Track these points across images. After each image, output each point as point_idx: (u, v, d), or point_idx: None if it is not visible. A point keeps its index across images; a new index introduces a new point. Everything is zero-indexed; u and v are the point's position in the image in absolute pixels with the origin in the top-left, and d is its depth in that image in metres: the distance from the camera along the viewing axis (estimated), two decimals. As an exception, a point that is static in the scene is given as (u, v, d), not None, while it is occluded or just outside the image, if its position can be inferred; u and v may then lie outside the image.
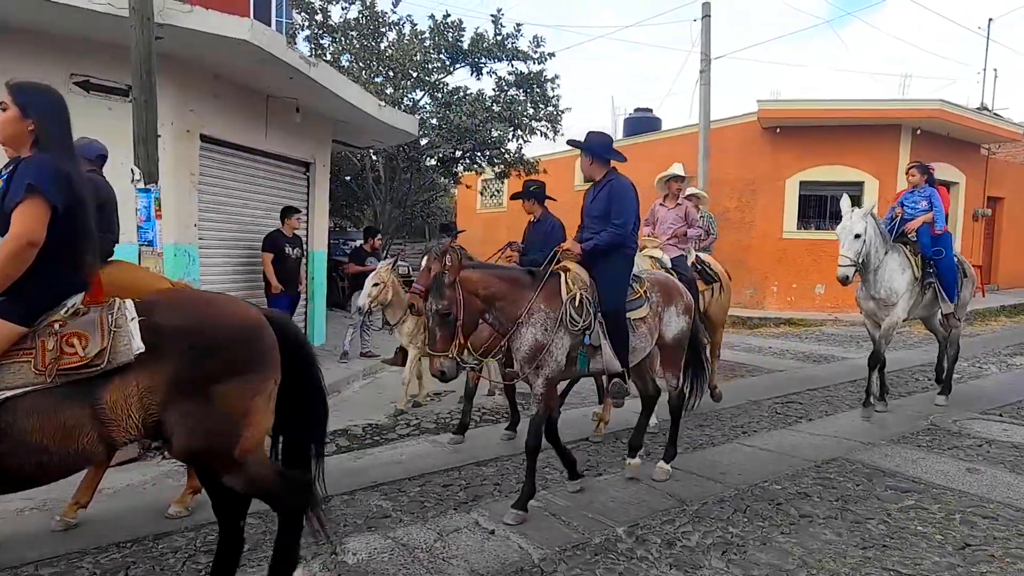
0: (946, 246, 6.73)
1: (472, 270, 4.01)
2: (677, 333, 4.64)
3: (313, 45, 14.29)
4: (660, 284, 4.66)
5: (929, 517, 4.07)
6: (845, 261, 6.17)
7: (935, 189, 6.85)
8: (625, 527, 3.92)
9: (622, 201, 4.34)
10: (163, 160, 5.94)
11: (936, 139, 15.55)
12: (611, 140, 4.64)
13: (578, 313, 4.07)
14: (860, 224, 6.18)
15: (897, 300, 6.42)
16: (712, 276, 6.66)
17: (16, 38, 6.12)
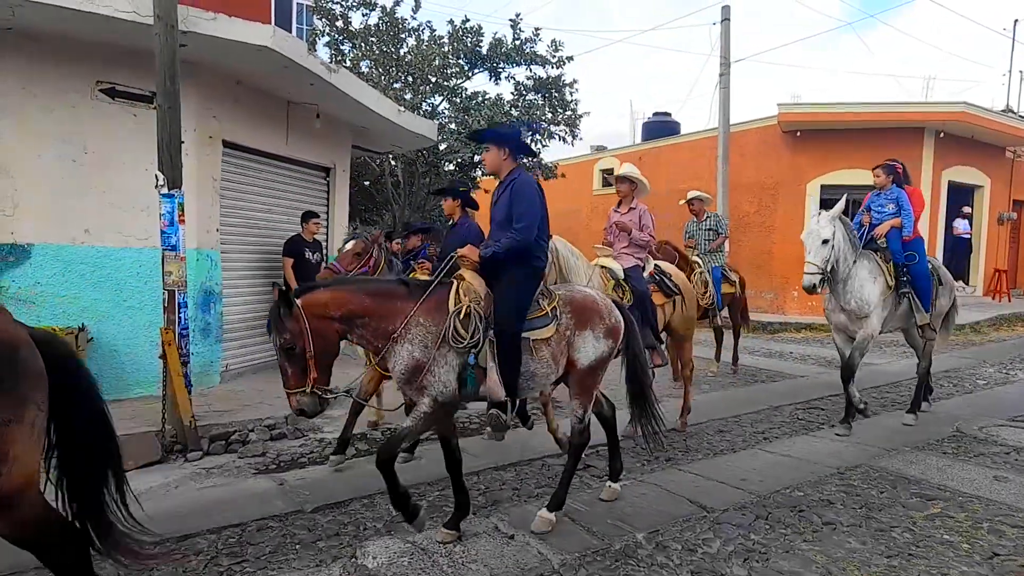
0: (918, 251, 6.31)
1: (321, 291, 3.60)
2: (593, 360, 4.00)
3: (333, 51, 14.39)
4: (575, 303, 4.05)
5: (956, 526, 4.01)
6: (812, 269, 5.74)
7: (903, 190, 6.41)
8: (645, 533, 3.89)
9: (523, 202, 3.88)
10: (186, 166, 6.02)
11: (960, 142, 15.35)
12: (520, 133, 4.34)
13: (465, 328, 3.63)
14: (828, 228, 5.76)
15: (869, 312, 6.00)
16: (672, 289, 6.00)
17: (44, 46, 6.24)
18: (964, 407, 7.06)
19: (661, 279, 5.93)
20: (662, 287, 5.89)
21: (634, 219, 5.88)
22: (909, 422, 6.33)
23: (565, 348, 3.95)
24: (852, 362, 6.08)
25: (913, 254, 6.25)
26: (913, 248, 6.28)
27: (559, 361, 3.94)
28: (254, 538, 3.82)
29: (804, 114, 15.13)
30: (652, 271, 5.94)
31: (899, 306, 6.23)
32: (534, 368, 3.84)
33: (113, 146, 6.61)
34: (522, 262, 3.88)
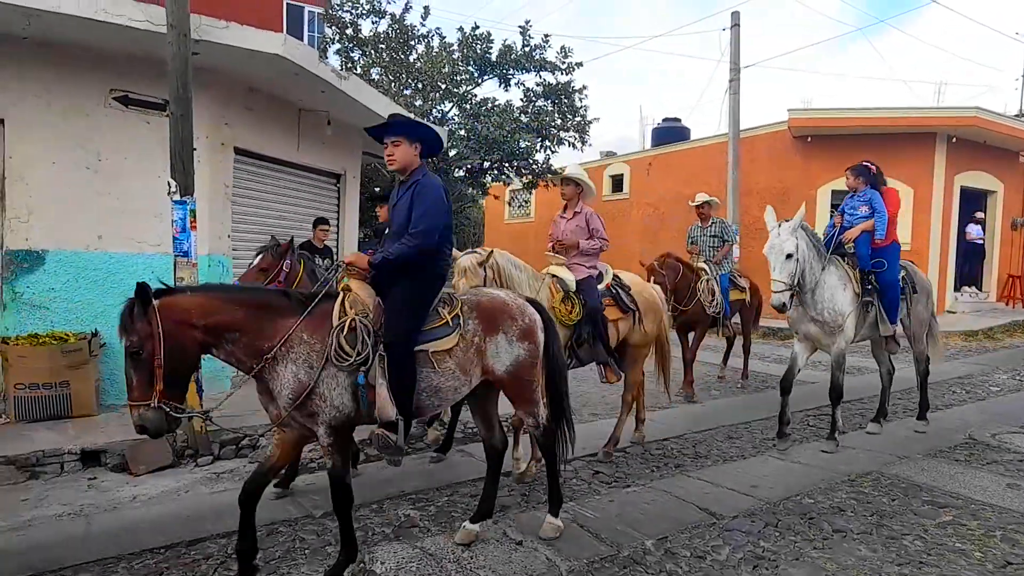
0: (890, 258, 5.94)
1: (188, 295, 3.23)
2: (512, 364, 3.72)
3: (344, 59, 14.50)
4: (481, 307, 3.75)
5: (968, 534, 3.97)
6: (779, 286, 5.35)
7: (878, 192, 6.07)
8: (654, 540, 3.88)
9: (424, 205, 3.59)
10: (198, 172, 6.07)
11: (973, 147, 15.26)
12: (434, 130, 4.00)
13: (350, 344, 3.32)
14: (791, 242, 5.36)
15: (844, 321, 5.67)
16: (628, 304, 5.40)
17: (58, 55, 6.32)
18: (977, 414, 7.01)
19: (617, 293, 5.39)
20: (618, 301, 5.36)
21: (581, 224, 5.35)
22: (873, 430, 6.24)
23: (475, 357, 3.66)
24: (836, 382, 5.79)
25: (882, 261, 5.89)
26: (884, 255, 5.93)
27: (470, 372, 3.66)
28: (264, 542, 3.83)
29: (815, 119, 15.10)
30: (609, 283, 5.41)
31: (867, 314, 5.93)
32: (438, 382, 3.57)
33: (126, 153, 6.68)
34: (417, 270, 3.60)
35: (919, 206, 14.90)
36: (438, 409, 3.93)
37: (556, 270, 5.18)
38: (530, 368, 3.83)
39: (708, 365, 9.56)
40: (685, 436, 6.22)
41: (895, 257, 6.01)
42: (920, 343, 6.52)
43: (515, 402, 3.89)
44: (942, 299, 15.46)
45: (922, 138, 14.69)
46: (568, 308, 4.95)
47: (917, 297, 6.34)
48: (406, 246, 3.54)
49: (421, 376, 3.53)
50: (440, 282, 3.78)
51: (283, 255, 5.29)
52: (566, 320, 4.88)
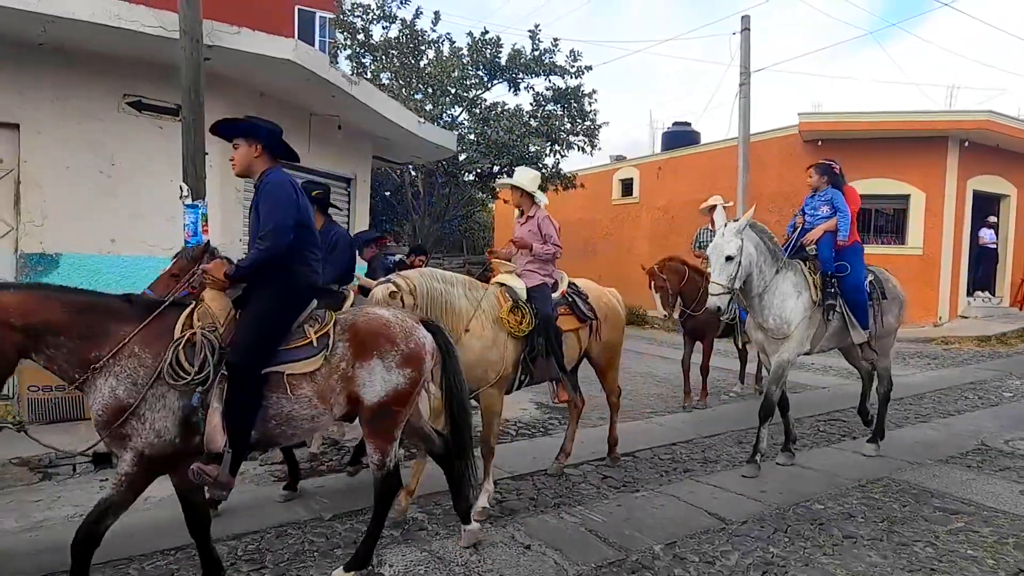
0: (853, 260, 5.58)
1: (7, 292, 2.93)
2: (385, 394, 3.31)
3: (354, 64, 14.58)
4: (356, 328, 3.38)
5: (980, 540, 3.94)
6: (716, 288, 5.01)
7: (839, 191, 5.74)
8: (663, 544, 3.87)
9: (267, 204, 3.30)
10: (210, 177, 6.13)
11: (985, 150, 15.14)
12: (281, 131, 3.62)
13: (189, 360, 2.99)
14: (732, 243, 5.02)
15: (790, 331, 5.27)
16: (586, 313, 5.02)
17: (73, 60, 6.39)
18: (989, 419, 6.95)
19: (574, 301, 5.00)
20: (575, 310, 4.97)
21: (533, 229, 4.95)
22: (870, 452, 5.70)
23: (341, 383, 3.28)
24: (770, 398, 5.38)
25: (845, 264, 5.53)
26: (847, 257, 5.57)
27: (331, 400, 3.28)
28: (273, 545, 3.86)
29: (825, 123, 15.04)
30: (564, 291, 5.03)
31: (830, 323, 5.49)
32: (290, 410, 3.20)
33: (139, 158, 6.74)
34: (275, 280, 3.29)
35: (931, 210, 14.80)
36: (292, 440, 3.52)
37: (505, 278, 4.76)
38: (406, 399, 3.40)
39: (721, 371, 9.52)
40: (694, 441, 6.21)
41: (859, 257, 5.67)
42: (887, 358, 6.07)
43: (370, 434, 3.44)
44: (955, 304, 15.35)
45: (934, 142, 14.60)
46: (518, 318, 4.49)
47: (887, 304, 5.86)
48: (257, 251, 3.24)
49: (270, 402, 3.16)
50: (305, 294, 3.42)
51: (198, 259, 4.86)
52: (516, 331, 4.45)
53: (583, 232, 21.36)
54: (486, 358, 4.31)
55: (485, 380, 4.33)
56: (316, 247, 3.55)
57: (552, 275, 4.97)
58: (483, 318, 4.37)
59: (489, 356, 4.33)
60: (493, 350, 4.35)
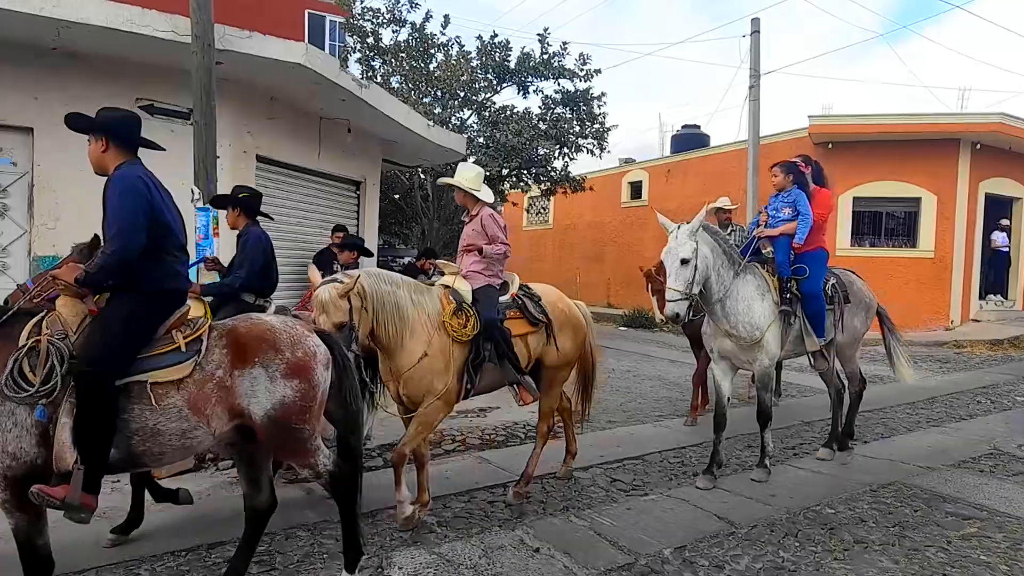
0: (813, 264, 5.32)
1: None
2: (272, 407, 3.03)
3: (364, 67, 14.64)
4: (236, 333, 3.12)
5: (993, 546, 3.91)
6: (673, 295, 4.69)
7: (803, 191, 5.42)
8: (672, 549, 3.86)
9: (109, 204, 3.05)
10: (221, 180, 6.17)
11: (997, 153, 15.06)
12: (133, 121, 3.35)
13: (33, 371, 2.74)
14: (687, 246, 4.72)
15: (762, 335, 5.01)
16: (536, 316, 4.63)
17: (86, 65, 6.45)
18: (1002, 424, 6.89)
19: (524, 303, 4.64)
20: (525, 312, 4.60)
21: (477, 228, 4.69)
22: (824, 456, 5.62)
23: (218, 394, 2.99)
24: (764, 403, 5.21)
25: (803, 267, 5.29)
26: (806, 260, 5.33)
27: (208, 412, 2.97)
28: (283, 547, 3.87)
29: (836, 126, 14.99)
30: (515, 293, 4.68)
31: (791, 327, 5.27)
32: (156, 423, 2.90)
33: (151, 161, 6.72)
34: (129, 284, 3.03)
35: (942, 213, 14.72)
36: (161, 460, 3.13)
37: (449, 280, 4.51)
38: (300, 413, 3.11)
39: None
40: (704, 444, 6.18)
41: (820, 264, 5.42)
42: (852, 363, 5.90)
43: (280, 454, 3.27)
44: (967, 307, 15.24)
45: (945, 144, 14.52)
46: (461, 322, 4.21)
47: (851, 309, 5.65)
48: (104, 255, 2.97)
49: (132, 415, 2.88)
50: (167, 298, 3.13)
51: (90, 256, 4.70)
52: (460, 336, 4.17)
53: (592, 235, 21.36)
54: (433, 367, 4.06)
55: (433, 391, 4.08)
56: (179, 248, 3.27)
57: (499, 276, 4.68)
58: (428, 324, 4.12)
59: (436, 364, 4.07)
60: (440, 358, 4.09)
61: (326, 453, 3.31)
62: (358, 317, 3.85)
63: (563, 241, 22.34)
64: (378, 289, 3.96)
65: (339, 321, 3.75)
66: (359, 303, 3.86)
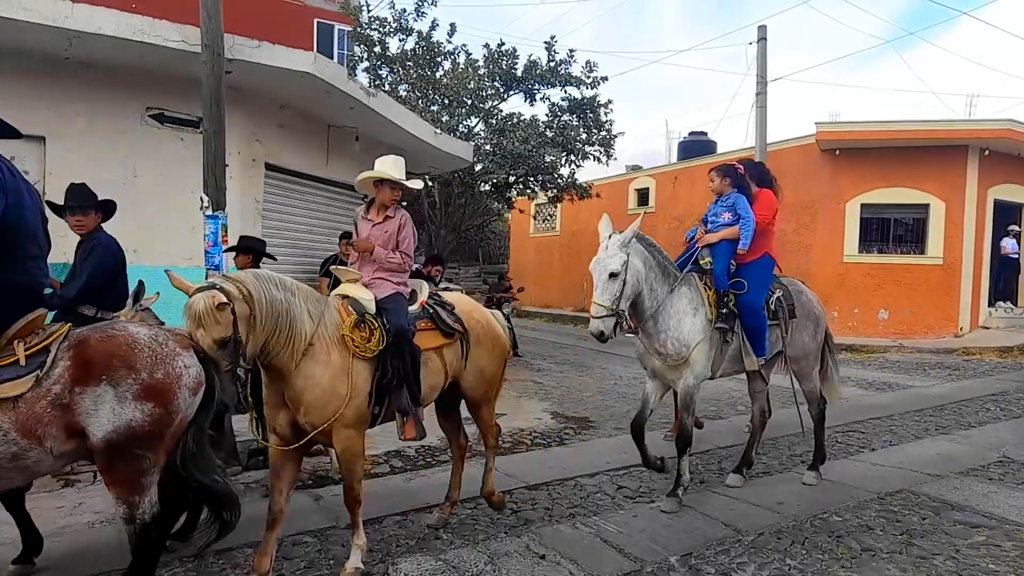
0: (756, 276, 4.89)
1: None
2: (115, 431, 2.74)
3: (372, 76, 14.73)
4: (86, 346, 2.82)
5: (1002, 555, 3.89)
6: (599, 310, 4.27)
7: (743, 195, 5.00)
8: (678, 556, 3.86)
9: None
10: (230, 188, 6.21)
11: (1006, 159, 15.01)
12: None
13: None
14: (617, 258, 4.33)
15: (689, 353, 4.57)
16: (452, 326, 4.12)
17: (97, 74, 6.53)
18: (1012, 432, 6.85)
19: (436, 312, 4.12)
20: (437, 323, 4.08)
21: (391, 231, 4.14)
22: (809, 481, 5.18)
23: (53, 411, 2.69)
24: (685, 427, 4.74)
25: (741, 282, 4.85)
26: (750, 270, 4.91)
27: (42, 434, 2.69)
28: (290, 553, 3.89)
29: (843, 132, 14.98)
30: (424, 301, 4.18)
31: (728, 345, 4.83)
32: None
33: (161, 169, 6.87)
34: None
35: (951, 220, 14.67)
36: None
37: (348, 288, 3.93)
38: (147, 441, 2.82)
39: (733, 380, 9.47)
40: (710, 452, 6.18)
41: (764, 274, 5.00)
42: (809, 380, 5.41)
43: (109, 481, 2.87)
44: (976, 314, 15.17)
45: (953, 151, 14.49)
46: (364, 335, 3.65)
47: (798, 323, 5.23)
48: None
49: None
50: (13, 302, 2.84)
51: None
52: (364, 351, 3.61)
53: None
54: (333, 389, 3.46)
55: (343, 419, 3.49)
56: (38, 246, 3.00)
57: (406, 284, 4.19)
58: (327, 338, 3.51)
59: (337, 387, 3.48)
60: (341, 378, 3.50)
61: (153, 500, 2.94)
62: (245, 328, 3.17)
63: (570, 248, 22.35)
64: (268, 295, 3.30)
65: (220, 337, 3.08)
66: (246, 311, 3.19)
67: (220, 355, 3.08)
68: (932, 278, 14.80)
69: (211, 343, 3.06)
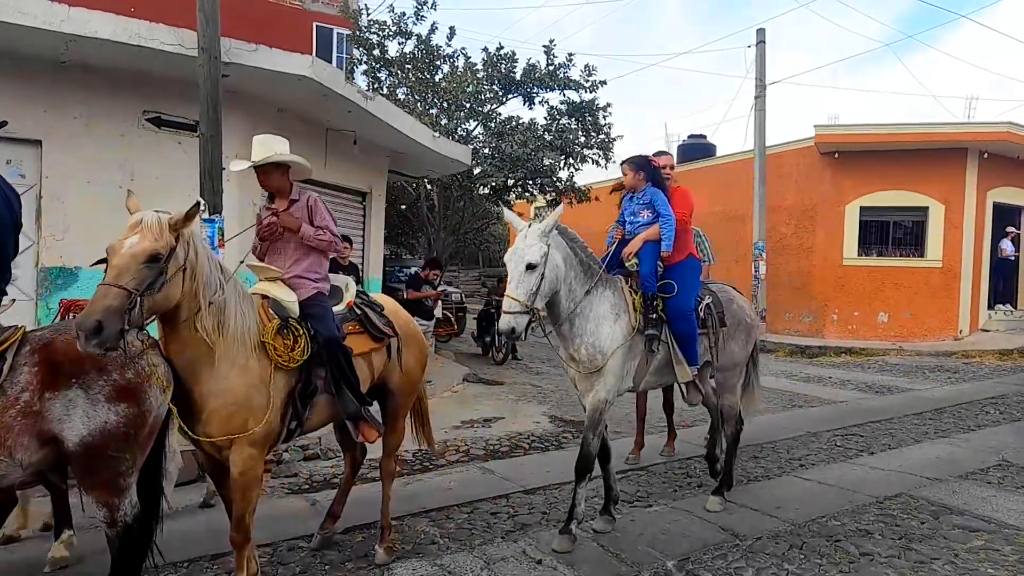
0: (683, 278, 4.51)
1: None
2: (91, 433, 2.68)
3: (370, 79, 14.73)
4: (51, 349, 2.74)
5: (1001, 559, 3.87)
6: (512, 305, 3.78)
7: (661, 191, 4.59)
8: (675, 560, 3.84)
9: None
10: (227, 192, 6.21)
11: (1005, 162, 15.01)
12: None
13: None
14: (536, 249, 3.86)
15: (604, 364, 4.14)
16: (383, 330, 3.86)
17: (95, 78, 6.53)
18: (1011, 435, 6.83)
19: (365, 314, 3.85)
20: (367, 326, 3.80)
21: (301, 216, 3.74)
22: (714, 508, 4.66)
23: (24, 421, 2.61)
24: (586, 449, 4.17)
25: (671, 283, 4.47)
26: (675, 274, 4.53)
27: (10, 443, 2.60)
28: (285, 558, 3.87)
29: (841, 135, 14.99)
30: (352, 302, 3.90)
31: (654, 354, 4.40)
32: None
33: (158, 172, 6.85)
34: None
35: (950, 222, 14.67)
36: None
37: (268, 287, 3.55)
38: (122, 441, 2.77)
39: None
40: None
41: (691, 276, 4.66)
42: (732, 394, 4.98)
43: (85, 485, 2.79)
44: (976, 317, 15.15)
45: (953, 154, 14.50)
46: (288, 343, 3.29)
47: (728, 332, 4.84)
48: None
49: None
50: None
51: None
52: (287, 361, 3.24)
53: (598, 245, 21.17)
54: (249, 401, 3.09)
55: (243, 432, 3.07)
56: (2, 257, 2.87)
57: (327, 280, 3.83)
58: (247, 342, 3.14)
59: (253, 398, 3.11)
60: (259, 389, 3.13)
61: (134, 501, 2.88)
62: (173, 269, 2.77)
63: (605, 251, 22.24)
64: (211, 264, 3.04)
65: (152, 249, 2.69)
66: (181, 254, 2.83)
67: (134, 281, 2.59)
68: (932, 281, 14.79)
69: (142, 250, 2.66)
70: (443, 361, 11.45)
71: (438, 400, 8.69)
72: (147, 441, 2.92)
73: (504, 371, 11.29)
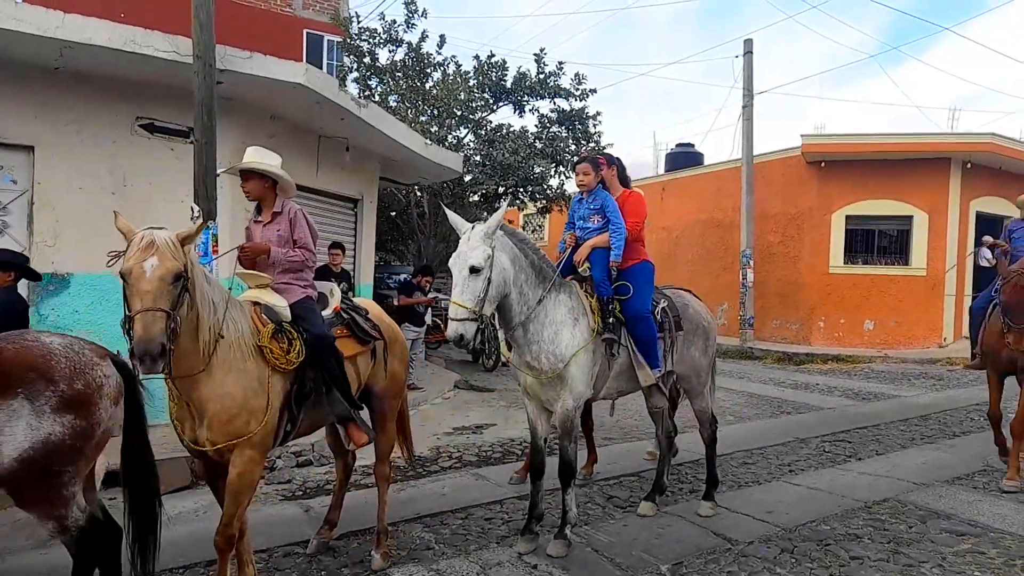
0: (638, 281, 4.46)
1: None
2: (30, 447, 2.60)
3: (362, 86, 14.75)
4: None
5: (987, 562, 3.94)
6: (458, 311, 3.63)
7: (609, 195, 4.52)
8: (669, 565, 3.88)
9: None
10: (220, 198, 6.21)
11: (988, 172, 15.25)
12: None
13: None
14: (480, 251, 3.70)
15: (566, 370, 4.01)
16: (369, 332, 3.95)
17: (88, 84, 6.51)
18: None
19: (352, 318, 3.92)
20: (354, 330, 3.87)
21: (283, 230, 3.84)
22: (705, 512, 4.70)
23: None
24: (567, 456, 4.19)
25: (626, 285, 4.39)
26: (628, 277, 4.45)
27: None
28: (280, 564, 3.88)
29: (828, 145, 15.18)
30: (339, 307, 3.97)
31: (615, 359, 4.31)
32: None
33: (151, 179, 6.84)
34: None
35: (934, 231, 14.88)
36: None
37: (258, 294, 3.62)
38: (67, 454, 2.68)
39: (720, 390, 9.53)
40: (700, 461, 6.18)
41: (646, 279, 4.57)
42: (702, 399, 4.97)
43: (24, 503, 2.72)
44: (960, 325, 15.35)
45: (937, 163, 14.71)
46: (284, 347, 3.36)
47: (685, 337, 4.76)
48: None
49: None
50: None
51: None
52: (283, 364, 3.33)
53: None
54: (248, 404, 3.15)
55: (245, 435, 3.14)
56: None
57: (312, 285, 3.89)
58: (244, 347, 3.21)
59: (252, 401, 3.17)
60: (258, 392, 3.20)
61: (82, 505, 2.82)
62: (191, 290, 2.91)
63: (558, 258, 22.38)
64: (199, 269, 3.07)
65: (175, 269, 2.77)
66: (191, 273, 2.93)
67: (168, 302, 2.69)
68: (916, 289, 14.98)
69: (167, 271, 2.72)
70: (434, 368, 11.47)
71: (430, 407, 8.71)
72: (94, 453, 2.85)
73: (495, 378, 11.31)
